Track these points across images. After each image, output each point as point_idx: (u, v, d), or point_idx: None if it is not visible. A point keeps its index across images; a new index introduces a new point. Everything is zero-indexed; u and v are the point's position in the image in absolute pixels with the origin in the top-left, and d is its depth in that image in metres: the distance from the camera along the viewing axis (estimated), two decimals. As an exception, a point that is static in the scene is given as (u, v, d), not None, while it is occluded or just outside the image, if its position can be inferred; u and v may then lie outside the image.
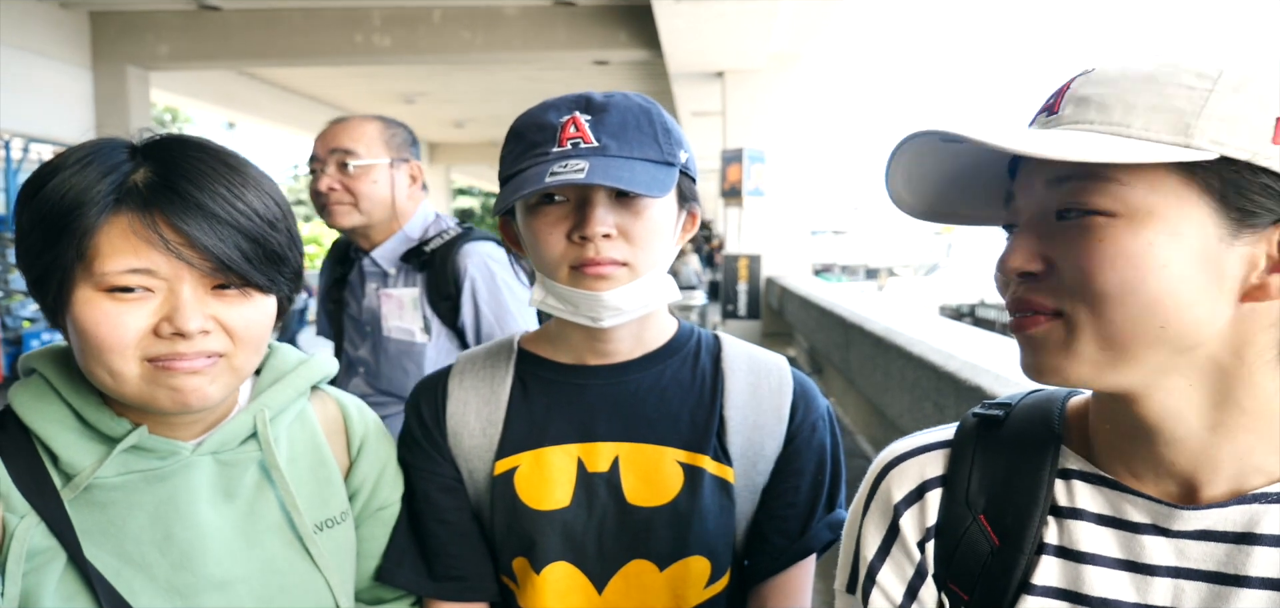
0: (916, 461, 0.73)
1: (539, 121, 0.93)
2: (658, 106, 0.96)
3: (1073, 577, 0.63)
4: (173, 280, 0.78)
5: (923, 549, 0.71)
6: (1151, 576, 0.60)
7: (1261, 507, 0.57)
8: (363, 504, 1.02)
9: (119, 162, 0.80)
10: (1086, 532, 0.63)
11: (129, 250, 0.77)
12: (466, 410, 1.02)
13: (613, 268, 0.90)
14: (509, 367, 1.04)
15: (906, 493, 0.72)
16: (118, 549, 0.82)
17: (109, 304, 0.77)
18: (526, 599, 0.99)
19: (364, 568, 1.03)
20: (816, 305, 6.20)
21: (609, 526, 0.97)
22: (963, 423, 0.73)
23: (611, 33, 9.27)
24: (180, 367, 0.79)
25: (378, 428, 1.06)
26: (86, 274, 0.77)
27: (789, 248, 10.17)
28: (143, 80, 9.65)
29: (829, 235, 51.94)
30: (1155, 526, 0.61)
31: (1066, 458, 0.66)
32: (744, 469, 1.00)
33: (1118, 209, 0.55)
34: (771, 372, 1.04)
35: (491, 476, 1.00)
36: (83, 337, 0.78)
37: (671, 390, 1.01)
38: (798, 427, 1.02)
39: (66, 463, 0.82)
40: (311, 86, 14.30)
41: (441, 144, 21.67)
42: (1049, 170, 0.58)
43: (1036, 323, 0.59)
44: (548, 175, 0.85)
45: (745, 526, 1.02)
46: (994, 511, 0.67)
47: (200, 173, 0.80)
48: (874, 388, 3.97)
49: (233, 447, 0.90)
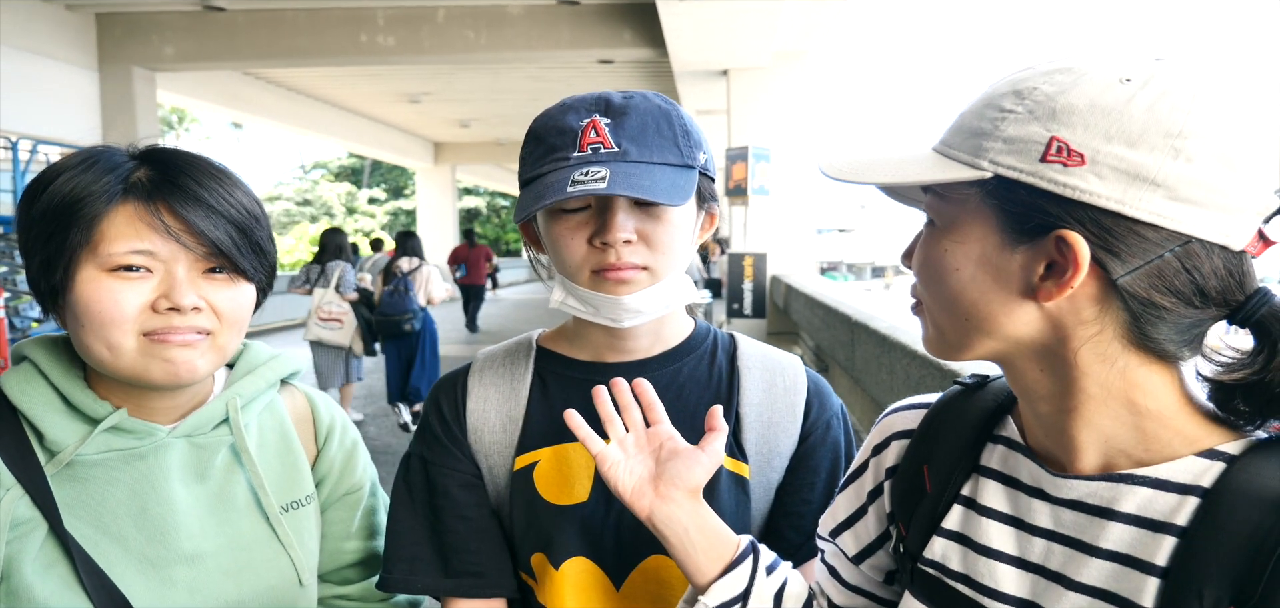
0: (899, 415, 0.85)
1: (558, 124, 0.92)
2: (678, 108, 0.95)
3: (972, 526, 0.71)
4: (170, 262, 0.88)
5: (878, 491, 0.83)
6: (1032, 535, 0.66)
7: (1124, 486, 0.61)
8: (330, 489, 1.10)
9: (121, 161, 0.90)
10: (991, 489, 0.71)
11: (132, 234, 0.86)
12: (487, 407, 1.03)
13: (633, 272, 0.92)
14: (528, 364, 1.05)
15: (878, 442, 0.84)
16: (96, 521, 0.89)
17: (112, 282, 0.86)
18: (545, 595, 0.99)
19: (331, 549, 1.10)
20: (822, 304, 6.19)
21: (627, 521, 0.97)
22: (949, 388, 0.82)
23: (616, 31, 9.28)
24: (174, 339, 0.88)
25: (343, 420, 1.15)
26: (92, 256, 0.86)
27: (794, 246, 10.16)
28: (149, 81, 9.70)
29: (835, 233, 51.88)
30: (1040, 491, 0.67)
31: (1005, 426, 0.73)
32: (759, 466, 1.01)
33: (935, 219, 0.67)
34: (786, 370, 1.06)
35: (511, 471, 1.01)
36: (86, 312, 0.86)
37: (689, 388, 1.02)
38: (812, 425, 1.03)
39: (51, 441, 0.89)
40: (317, 87, 14.36)
41: (446, 144, 21.71)
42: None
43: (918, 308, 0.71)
44: (569, 185, 0.85)
45: (760, 522, 1.03)
46: (936, 462, 0.76)
47: (195, 171, 0.91)
48: (879, 387, 3.97)
49: (206, 431, 0.98)
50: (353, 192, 37.48)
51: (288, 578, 1.00)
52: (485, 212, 38.89)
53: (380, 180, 38.24)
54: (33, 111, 8.27)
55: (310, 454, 1.09)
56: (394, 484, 1.07)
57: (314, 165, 39.41)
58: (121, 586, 0.89)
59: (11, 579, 0.85)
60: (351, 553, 1.11)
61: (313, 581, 1.04)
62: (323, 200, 36.79)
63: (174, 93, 11.67)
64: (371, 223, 36.24)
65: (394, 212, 37.65)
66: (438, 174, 22.45)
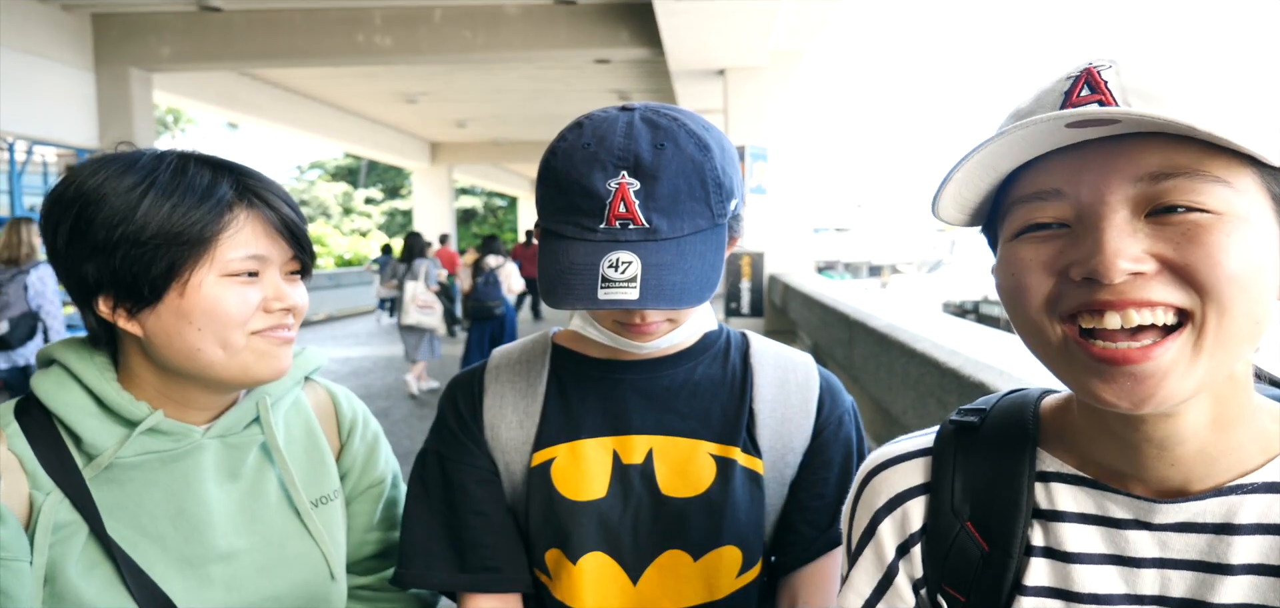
0: (895, 471, 0.75)
1: (583, 182, 0.85)
2: (711, 152, 0.88)
3: (1063, 576, 0.64)
4: (270, 266, 0.94)
5: (902, 554, 0.73)
6: (1139, 567, 0.61)
7: (1238, 497, 0.58)
8: (354, 483, 1.12)
9: (204, 175, 0.91)
10: (1071, 532, 0.64)
11: (248, 241, 0.92)
12: (503, 404, 1.04)
13: (658, 326, 0.96)
14: (545, 362, 1.06)
15: (885, 502, 0.74)
16: (135, 523, 0.91)
17: (235, 286, 0.91)
18: (561, 590, 1.00)
19: (355, 541, 1.12)
20: (820, 303, 6.20)
21: (644, 516, 0.98)
22: (942, 430, 0.74)
23: (613, 31, 9.27)
24: (282, 336, 0.95)
25: (365, 413, 1.17)
26: (210, 264, 0.90)
27: (792, 245, 10.17)
28: (145, 82, 9.67)
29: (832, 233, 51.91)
30: (1137, 520, 0.62)
31: (1043, 461, 0.67)
32: (773, 462, 1.02)
33: (1223, 210, 0.53)
34: (798, 367, 1.07)
35: (528, 467, 1.01)
36: (206, 315, 0.90)
37: (703, 386, 1.03)
38: (825, 421, 1.04)
39: (89, 444, 0.90)
40: (314, 87, 14.33)
41: (444, 144, 21.67)
42: (1139, 167, 0.54)
43: (1159, 350, 0.53)
44: (599, 286, 0.83)
45: (774, 518, 1.04)
46: (980, 517, 0.68)
47: (263, 177, 0.96)
48: (878, 385, 3.97)
49: (238, 431, 0.99)
50: (349, 192, 37.40)
51: (320, 572, 1.02)
52: (482, 211, 38.83)
53: (377, 180, 38.17)
54: (28, 112, 8.24)
55: (334, 448, 1.12)
56: (409, 480, 1.07)
57: (311, 165, 39.36)
58: (163, 585, 0.90)
59: (56, 583, 0.86)
60: (373, 544, 1.13)
61: (343, 573, 1.06)
62: (319, 201, 36.71)
63: (170, 93, 11.63)
64: (367, 223, 36.18)
65: (390, 212, 37.59)
66: (434, 174, 22.40)
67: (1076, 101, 0.56)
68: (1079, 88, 0.57)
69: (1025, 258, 0.59)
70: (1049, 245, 0.58)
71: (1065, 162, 0.57)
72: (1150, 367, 0.53)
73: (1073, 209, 0.57)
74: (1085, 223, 0.56)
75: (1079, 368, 0.57)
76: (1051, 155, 0.58)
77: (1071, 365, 0.58)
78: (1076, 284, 0.56)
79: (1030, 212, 0.59)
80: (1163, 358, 0.53)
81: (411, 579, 1.02)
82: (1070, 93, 0.57)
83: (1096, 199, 0.55)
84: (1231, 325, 0.53)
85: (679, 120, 0.88)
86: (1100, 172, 0.55)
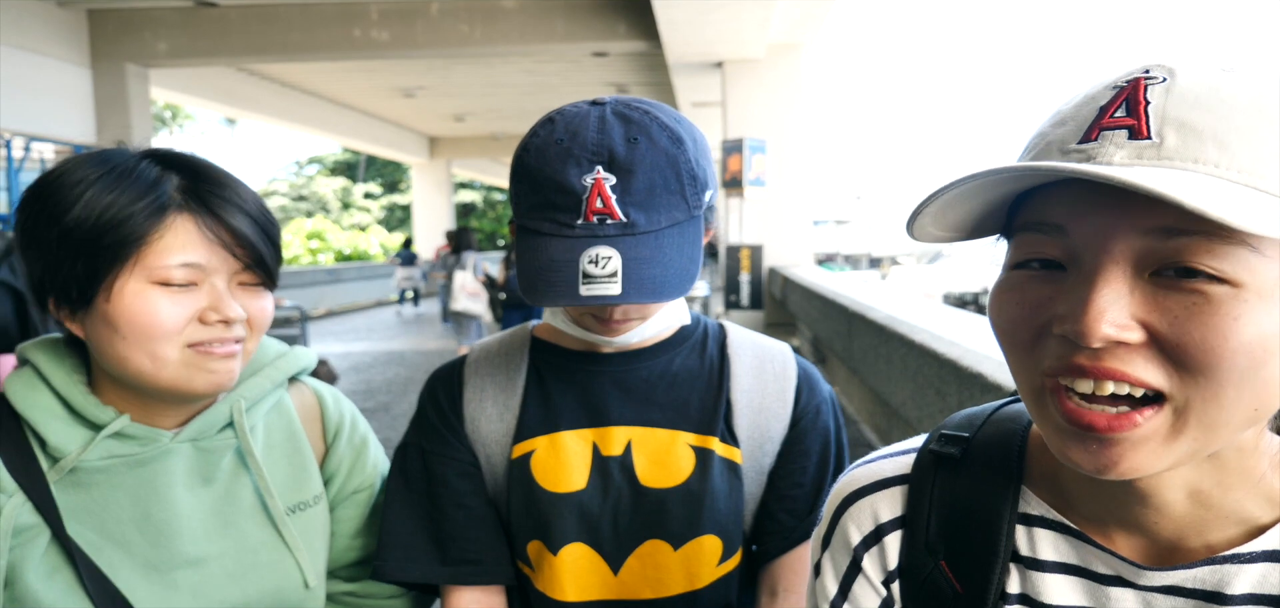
0: (872, 499, 0.71)
1: (558, 178, 0.85)
2: (685, 144, 0.89)
3: None
4: (212, 274, 0.88)
5: (888, 587, 0.69)
6: None
7: (1232, 567, 0.54)
8: (339, 487, 1.09)
9: (153, 172, 0.87)
10: (1051, 583, 0.61)
11: (182, 246, 0.86)
12: (483, 397, 1.04)
13: (628, 323, 0.97)
14: (524, 354, 1.07)
15: (865, 535, 0.70)
16: (99, 527, 0.89)
17: (161, 294, 0.85)
18: (543, 581, 1.00)
19: (341, 546, 1.09)
20: (819, 295, 6.20)
21: (624, 507, 0.99)
22: (920, 457, 0.70)
23: (610, 24, 9.26)
24: (218, 350, 0.89)
25: (353, 416, 1.13)
26: (139, 269, 0.85)
27: (791, 238, 10.17)
28: (142, 78, 9.66)
29: (831, 225, 51.91)
30: (1120, 579, 0.58)
31: (1027, 502, 0.64)
32: (751, 451, 1.03)
33: (1246, 280, 0.46)
34: (775, 357, 1.07)
35: (509, 460, 1.02)
36: (130, 325, 0.85)
37: (681, 376, 1.04)
38: (802, 410, 1.05)
39: (53, 447, 0.88)
40: (311, 82, 14.30)
41: (442, 138, 21.65)
42: (1151, 217, 0.48)
43: (1130, 421, 0.49)
44: (581, 283, 0.84)
45: (753, 507, 1.05)
46: (954, 558, 0.64)
47: (219, 180, 0.90)
48: (877, 377, 3.98)
49: (211, 434, 0.96)
50: (348, 186, 37.37)
51: (293, 581, 1.00)
52: (481, 206, 38.82)
53: (375, 175, 38.13)
54: (25, 109, 8.23)
55: (319, 452, 1.09)
56: (389, 474, 1.07)
57: (309, 160, 39.30)
58: (125, 590, 0.88)
59: (16, 586, 0.85)
60: (360, 549, 1.11)
61: (319, 582, 1.04)
62: (318, 196, 36.69)
63: (167, 89, 11.62)
64: (367, 218, 36.17)
65: (389, 206, 37.57)
66: (433, 169, 22.38)
67: (1108, 123, 0.50)
68: (1117, 105, 0.50)
69: (1016, 298, 0.55)
70: (1041, 288, 0.53)
71: (1075, 194, 0.51)
72: (1120, 436, 0.49)
73: (1071, 252, 0.52)
74: (1079, 270, 0.51)
75: (1051, 422, 0.53)
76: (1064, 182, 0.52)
77: (1045, 417, 0.54)
78: (1058, 338, 0.51)
79: (1033, 244, 0.54)
80: (1135, 433, 0.49)
81: (391, 572, 1.01)
82: (1107, 108, 0.50)
83: (1095, 249, 0.50)
84: (1221, 413, 0.48)
85: (651, 113, 0.88)
86: (1108, 216, 0.49)
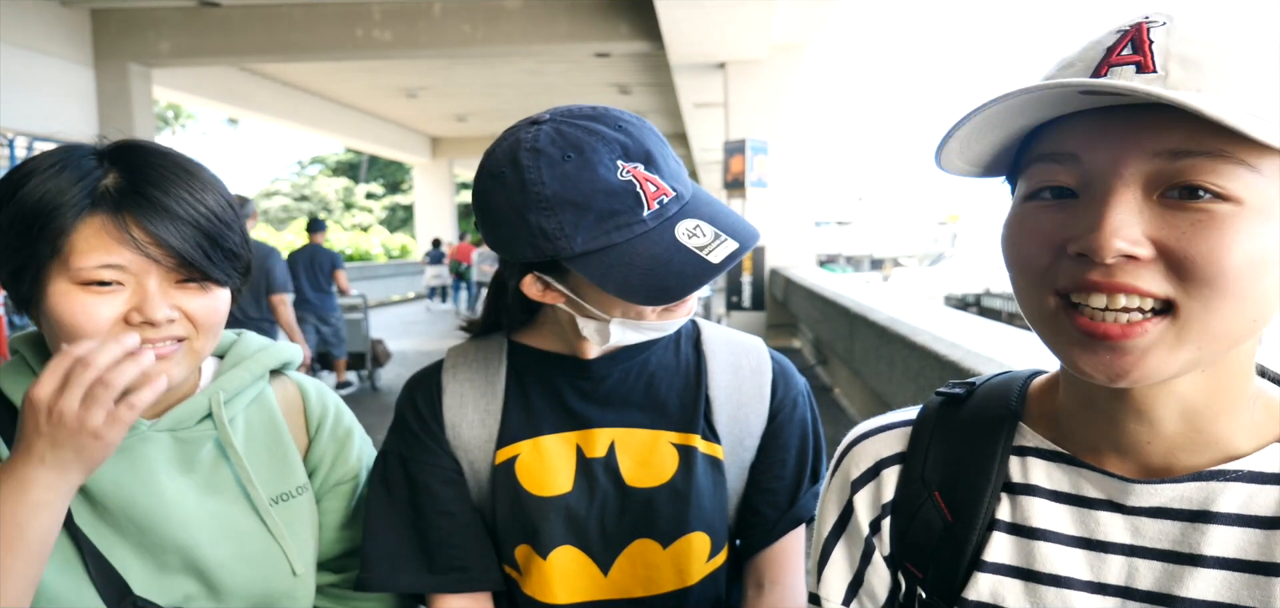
0: (876, 439, 0.74)
1: (604, 184, 0.83)
2: None
3: (1025, 553, 0.62)
4: (140, 275, 0.87)
5: (875, 529, 0.71)
6: (1106, 553, 0.60)
7: (1219, 484, 0.56)
8: (323, 479, 1.10)
9: (90, 167, 0.87)
10: (1040, 508, 0.63)
11: (102, 248, 0.84)
12: (463, 403, 1.04)
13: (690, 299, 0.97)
14: (502, 359, 1.06)
15: (863, 471, 0.73)
16: (91, 511, 0.91)
17: (84, 296, 0.85)
18: (532, 586, 1.00)
19: (327, 538, 1.10)
20: (821, 296, 6.20)
21: (610, 508, 0.99)
22: (928, 403, 0.73)
23: (612, 24, 9.26)
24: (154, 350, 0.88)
25: (337, 408, 1.14)
26: (62, 269, 0.84)
27: (793, 239, 10.17)
28: (145, 77, 9.67)
29: (833, 226, 51.90)
30: (1110, 502, 0.60)
31: (1023, 435, 0.66)
32: (732, 447, 1.03)
33: (1245, 198, 0.50)
34: (751, 352, 1.08)
35: (493, 466, 1.01)
36: (58, 325, 0.85)
37: (659, 375, 1.04)
38: (780, 403, 1.06)
39: None
40: (314, 82, 14.32)
41: (444, 138, 21.66)
42: (1160, 141, 0.51)
43: (1141, 329, 0.52)
44: (709, 255, 0.84)
45: (735, 502, 1.05)
46: (948, 487, 0.67)
47: (164, 177, 0.88)
48: (878, 378, 3.98)
49: (190, 425, 0.97)
50: (350, 186, 37.43)
51: (281, 568, 1.01)
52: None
53: (377, 175, 38.16)
54: (28, 108, 8.25)
55: (301, 444, 1.09)
56: (370, 482, 1.06)
57: (312, 160, 39.35)
58: (120, 568, 0.90)
59: None
60: (346, 541, 1.11)
61: (308, 570, 1.04)
62: (320, 196, 36.75)
63: (170, 89, 11.64)
64: (369, 218, 36.20)
65: (391, 207, 37.61)
66: (435, 169, 22.40)
67: (1116, 60, 0.53)
68: (1123, 45, 0.53)
69: (1030, 227, 0.57)
70: (1055, 216, 0.56)
71: (1087, 124, 0.55)
72: (1131, 344, 0.52)
73: (1084, 177, 0.55)
74: (1092, 194, 0.54)
75: (1063, 338, 0.56)
76: (1076, 115, 0.56)
77: (1057, 334, 0.57)
78: (1071, 258, 0.54)
79: (1046, 173, 0.57)
80: (1144, 339, 0.52)
81: (376, 584, 1.00)
82: (1114, 48, 0.54)
83: (1109, 171, 0.53)
84: (1221, 322, 0.51)
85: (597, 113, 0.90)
86: (1119, 142, 0.53)
